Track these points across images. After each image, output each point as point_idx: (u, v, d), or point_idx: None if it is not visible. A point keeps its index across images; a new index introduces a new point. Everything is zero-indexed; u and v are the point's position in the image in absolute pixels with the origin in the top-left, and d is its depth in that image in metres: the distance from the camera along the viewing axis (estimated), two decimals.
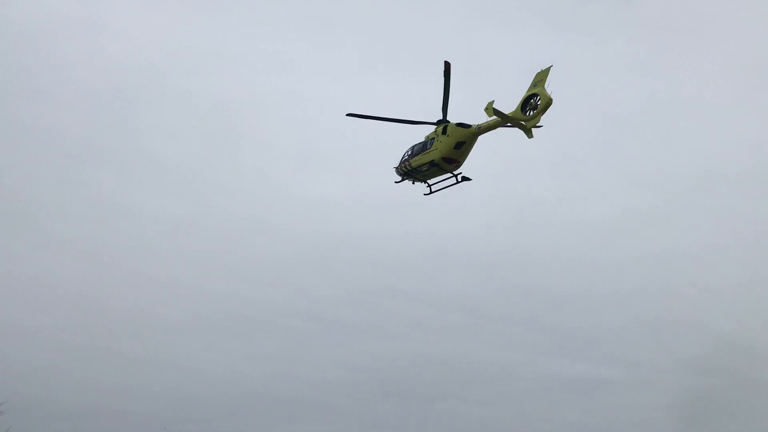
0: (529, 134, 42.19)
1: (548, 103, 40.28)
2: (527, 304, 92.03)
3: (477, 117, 45.37)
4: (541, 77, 41.23)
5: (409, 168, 47.07)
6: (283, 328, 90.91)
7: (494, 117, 42.47)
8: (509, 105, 42.00)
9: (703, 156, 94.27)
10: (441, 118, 46.09)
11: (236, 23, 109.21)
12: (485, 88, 46.44)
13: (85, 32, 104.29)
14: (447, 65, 43.37)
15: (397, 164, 48.29)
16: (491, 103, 42.11)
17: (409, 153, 47.52)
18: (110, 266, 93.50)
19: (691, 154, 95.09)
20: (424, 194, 47.96)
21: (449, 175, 46.62)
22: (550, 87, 40.77)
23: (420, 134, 47.86)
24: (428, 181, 47.60)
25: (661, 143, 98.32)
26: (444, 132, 45.51)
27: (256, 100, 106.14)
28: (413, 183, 48.41)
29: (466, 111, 46.03)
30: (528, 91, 41.59)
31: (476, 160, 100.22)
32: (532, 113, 41.10)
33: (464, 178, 46.76)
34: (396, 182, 49.03)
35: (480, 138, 47.20)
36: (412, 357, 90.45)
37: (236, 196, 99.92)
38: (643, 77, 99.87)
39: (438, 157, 45.26)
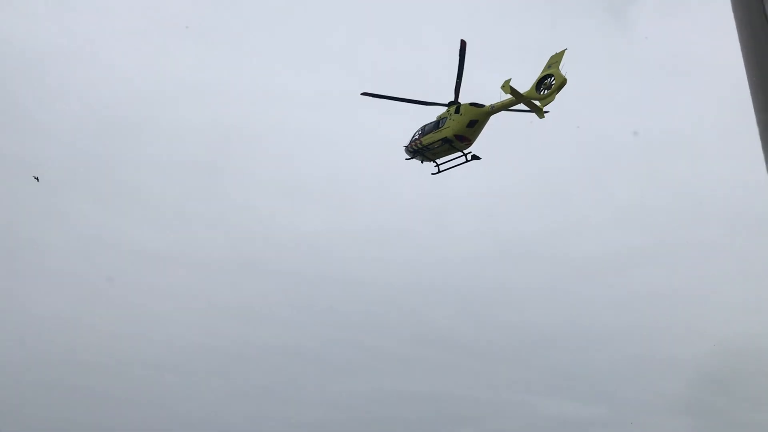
0: (541, 114, 43.11)
1: (563, 83, 41.48)
2: (513, 342, 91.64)
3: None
4: (556, 59, 42.37)
5: (420, 146, 47.69)
6: (266, 365, 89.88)
7: (508, 96, 43.19)
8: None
9: (689, 194, 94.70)
10: (453, 99, 47.02)
11: (223, 56, 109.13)
12: None
13: (72, 63, 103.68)
14: (463, 44, 44.57)
15: (407, 143, 48.89)
16: (508, 81, 42.60)
17: (420, 132, 48.13)
18: (90, 300, 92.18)
19: (678, 193, 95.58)
20: (432, 173, 48.82)
21: (458, 154, 47.36)
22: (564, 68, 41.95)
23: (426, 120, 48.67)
24: (437, 160, 48.29)
25: (648, 181, 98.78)
26: (457, 111, 46.35)
27: (242, 133, 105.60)
28: (422, 162, 49.06)
29: None
30: (542, 71, 42.55)
31: (464, 196, 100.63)
32: (545, 93, 42.03)
33: (474, 157, 47.41)
34: (406, 159, 49.56)
35: (467, 172, 48.04)
36: (397, 394, 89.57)
37: (220, 230, 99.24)
38: (632, 115, 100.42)
39: (451, 134, 46.11)
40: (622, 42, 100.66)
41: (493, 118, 46.68)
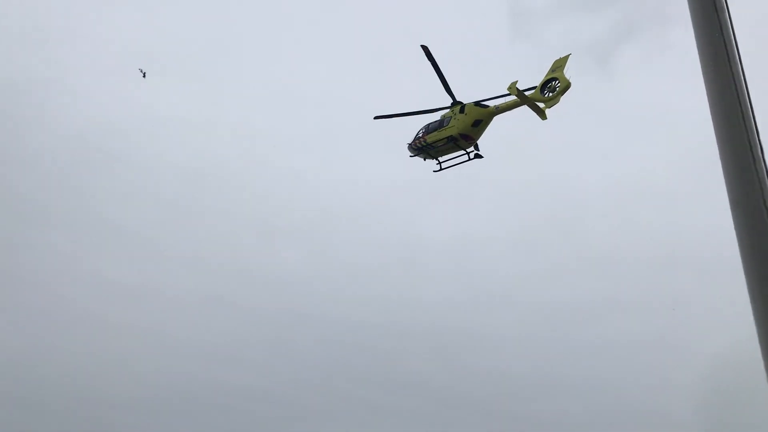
0: (543, 116, 44.19)
1: (567, 86, 42.61)
2: (484, 388, 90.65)
3: None
4: (560, 64, 43.41)
5: (424, 144, 48.09)
6: (235, 409, 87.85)
7: (513, 98, 44.22)
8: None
9: (661, 242, 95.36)
10: (453, 101, 47.72)
11: (202, 93, 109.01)
12: None
13: (50, 94, 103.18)
14: (425, 49, 45.11)
15: (410, 141, 49.19)
16: (515, 82, 43.43)
17: (424, 130, 48.56)
18: (59, 334, 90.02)
19: (650, 240, 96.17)
20: (434, 171, 49.25)
21: (461, 152, 48.01)
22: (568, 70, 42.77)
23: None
24: (439, 158, 48.80)
25: (620, 228, 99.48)
26: (462, 111, 47.06)
27: (221, 170, 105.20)
28: (424, 159, 49.41)
29: None
30: (547, 75, 43.54)
31: (440, 239, 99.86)
32: (550, 95, 43.06)
33: (477, 155, 48.07)
34: (410, 156, 49.98)
35: (444, 215, 48.46)
36: None
37: (194, 268, 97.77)
38: (605, 163, 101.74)
39: (456, 132, 46.72)
40: (599, 91, 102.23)
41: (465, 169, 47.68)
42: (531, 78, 44.54)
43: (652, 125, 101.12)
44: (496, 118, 46.75)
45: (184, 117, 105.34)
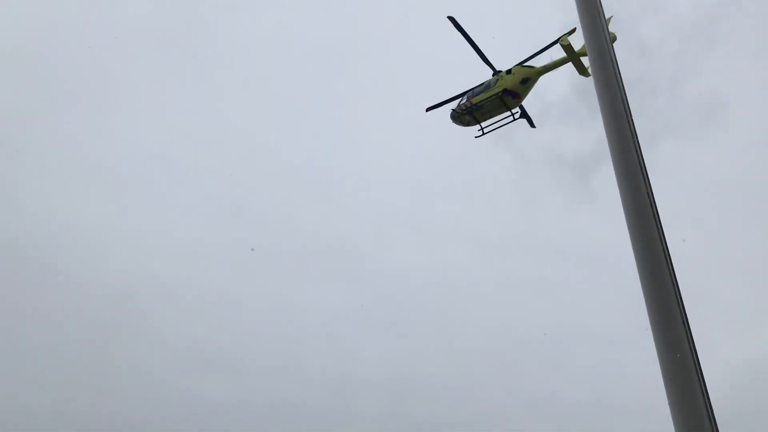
0: (587, 73, 45.14)
1: (614, 38, 45.46)
2: None
3: None
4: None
5: (470, 105, 48.48)
6: None
7: (562, 56, 45.78)
8: None
9: (596, 386, 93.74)
10: (494, 70, 48.84)
11: (136, 205, 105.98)
12: None
13: None
14: (452, 20, 46.43)
15: (454, 108, 49.63)
16: (566, 35, 45.03)
17: (469, 95, 49.21)
18: None
19: (585, 383, 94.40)
20: (475, 137, 49.61)
21: (506, 114, 48.73)
22: None
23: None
24: (482, 123, 49.19)
25: (556, 369, 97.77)
26: (508, 72, 48.26)
27: (146, 290, 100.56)
28: (467, 125, 49.76)
29: None
30: None
31: (372, 374, 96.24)
32: None
33: (523, 115, 49.27)
34: (451, 118, 50.03)
35: (376, 349, 46.69)
36: None
37: (106, 394, 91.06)
38: (546, 303, 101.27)
39: (506, 87, 47.73)
40: (527, 227, 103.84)
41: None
42: None
43: (584, 268, 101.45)
44: None
45: (115, 231, 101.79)
